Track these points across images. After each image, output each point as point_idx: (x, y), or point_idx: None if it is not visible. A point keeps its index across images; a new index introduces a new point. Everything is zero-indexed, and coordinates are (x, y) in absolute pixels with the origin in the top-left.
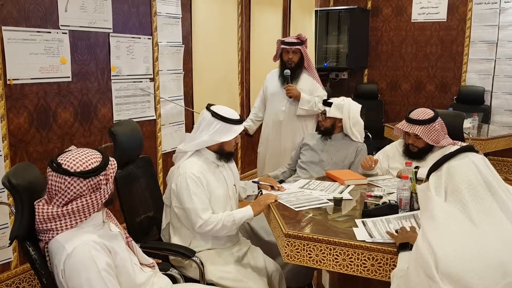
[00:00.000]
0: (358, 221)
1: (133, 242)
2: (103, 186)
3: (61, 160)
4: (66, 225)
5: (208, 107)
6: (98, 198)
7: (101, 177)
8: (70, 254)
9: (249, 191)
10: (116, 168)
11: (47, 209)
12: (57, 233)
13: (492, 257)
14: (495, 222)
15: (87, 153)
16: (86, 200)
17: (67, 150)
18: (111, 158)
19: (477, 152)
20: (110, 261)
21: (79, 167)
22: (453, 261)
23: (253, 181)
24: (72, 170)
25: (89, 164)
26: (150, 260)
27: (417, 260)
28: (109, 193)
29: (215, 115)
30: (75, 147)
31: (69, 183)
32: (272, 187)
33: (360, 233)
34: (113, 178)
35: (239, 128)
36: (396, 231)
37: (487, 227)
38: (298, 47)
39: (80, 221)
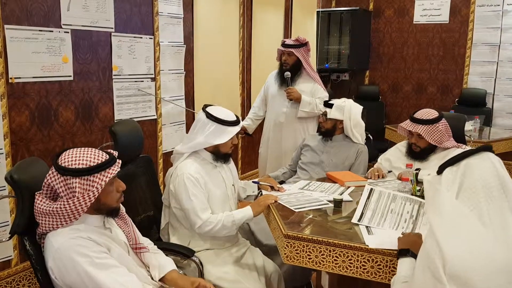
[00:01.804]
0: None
1: (146, 254)
2: (92, 188)
3: (62, 156)
4: (56, 224)
5: (204, 108)
6: (77, 204)
7: (92, 178)
8: (56, 250)
9: (249, 191)
10: (112, 174)
11: (41, 201)
12: (49, 230)
13: (499, 261)
14: (505, 225)
15: (88, 153)
16: (74, 202)
17: (75, 148)
18: (112, 166)
19: (493, 152)
20: (102, 249)
21: (74, 164)
22: (461, 262)
23: (253, 181)
24: (70, 167)
25: (83, 163)
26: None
27: (424, 260)
28: (94, 197)
29: (209, 116)
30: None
31: (62, 179)
32: (272, 188)
33: (368, 238)
34: (102, 185)
35: (234, 130)
36: (402, 233)
37: (497, 230)
38: (291, 49)
39: (65, 223)
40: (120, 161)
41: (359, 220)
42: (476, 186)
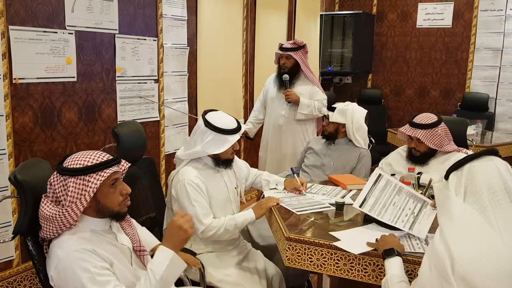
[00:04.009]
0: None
1: (148, 257)
2: (87, 188)
3: (67, 159)
4: (56, 230)
5: (203, 114)
6: (73, 206)
7: (88, 178)
8: (60, 260)
9: (272, 184)
10: (108, 173)
11: (45, 205)
12: (50, 236)
13: (507, 265)
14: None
15: (90, 154)
16: (70, 204)
17: (82, 151)
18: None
19: (500, 157)
20: (104, 264)
21: (72, 164)
22: (470, 264)
23: (291, 168)
24: (68, 167)
25: (81, 163)
26: None
27: (433, 259)
28: (90, 197)
29: (208, 124)
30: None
31: (61, 180)
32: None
33: (344, 243)
34: (97, 184)
35: (234, 138)
36: (377, 240)
37: (505, 233)
38: (289, 53)
39: (64, 227)
40: (123, 164)
41: (361, 205)
42: (480, 189)
